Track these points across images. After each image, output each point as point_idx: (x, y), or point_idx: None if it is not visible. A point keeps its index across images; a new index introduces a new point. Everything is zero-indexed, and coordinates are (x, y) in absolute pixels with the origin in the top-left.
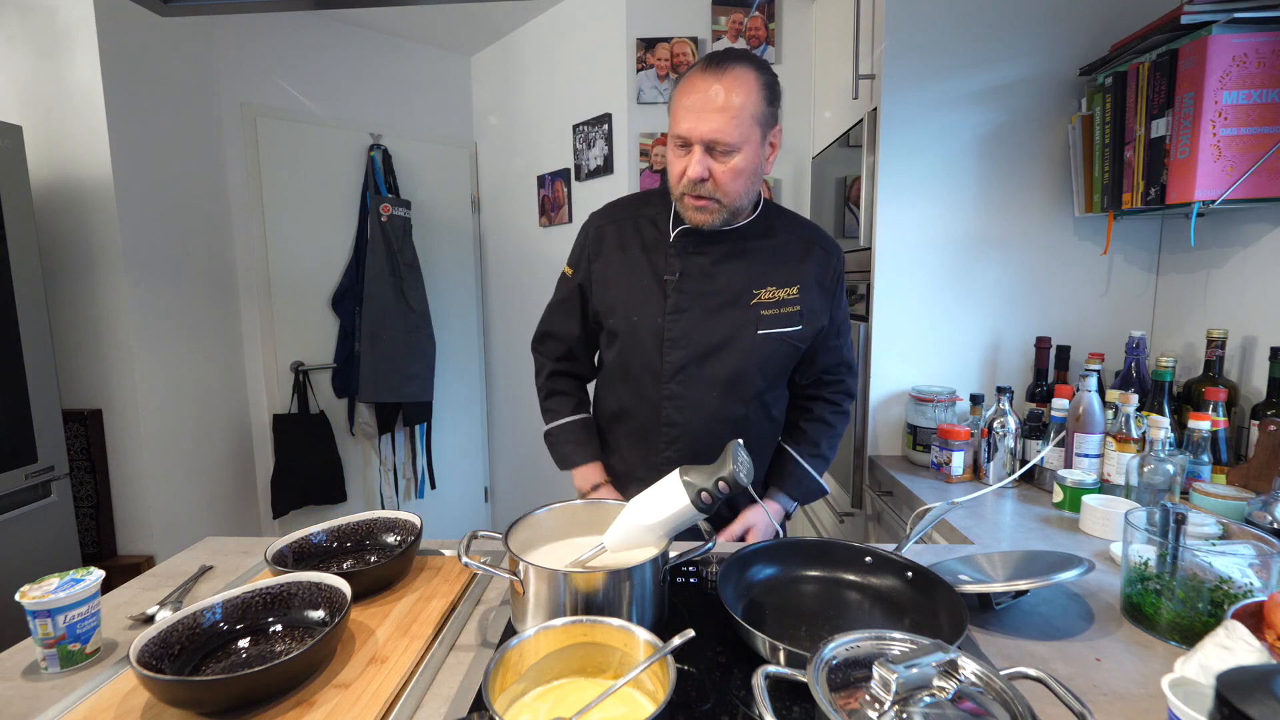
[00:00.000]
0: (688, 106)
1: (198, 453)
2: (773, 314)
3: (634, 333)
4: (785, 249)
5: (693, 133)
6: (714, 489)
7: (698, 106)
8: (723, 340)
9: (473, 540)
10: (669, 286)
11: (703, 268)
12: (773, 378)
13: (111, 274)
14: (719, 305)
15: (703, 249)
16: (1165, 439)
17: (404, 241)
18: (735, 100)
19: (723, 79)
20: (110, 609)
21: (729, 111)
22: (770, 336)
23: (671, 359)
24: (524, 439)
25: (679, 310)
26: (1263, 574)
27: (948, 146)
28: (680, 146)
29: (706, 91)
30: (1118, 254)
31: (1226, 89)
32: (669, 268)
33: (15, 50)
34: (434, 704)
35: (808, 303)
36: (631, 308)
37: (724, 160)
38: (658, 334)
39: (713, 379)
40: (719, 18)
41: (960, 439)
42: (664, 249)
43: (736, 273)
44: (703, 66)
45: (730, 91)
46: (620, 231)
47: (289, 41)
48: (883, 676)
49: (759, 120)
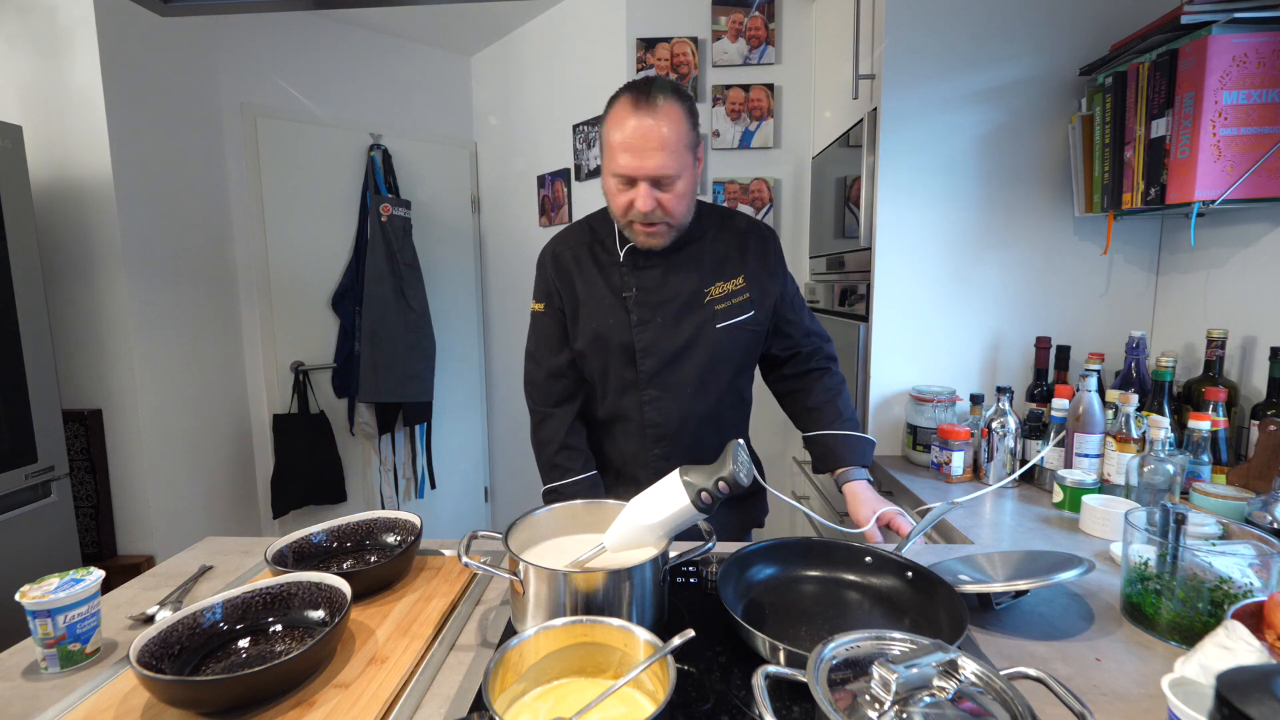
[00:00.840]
0: (627, 146)
1: (198, 453)
2: (726, 306)
3: (607, 350)
4: (723, 245)
5: (638, 171)
6: (714, 489)
7: (637, 146)
8: (688, 341)
9: (473, 540)
10: (629, 302)
11: (655, 279)
12: (739, 365)
13: (111, 274)
14: (678, 310)
15: (651, 263)
16: (1165, 439)
17: (404, 241)
18: (671, 135)
19: (655, 115)
20: (110, 609)
21: (667, 147)
22: (729, 328)
23: (646, 367)
24: (524, 439)
25: (644, 322)
26: (1263, 574)
27: (948, 146)
28: (624, 183)
29: (642, 130)
30: (1118, 254)
31: (1226, 89)
32: (625, 285)
33: (15, 50)
34: (434, 704)
35: (755, 289)
36: (602, 327)
37: (669, 189)
38: (628, 347)
39: (686, 377)
40: (719, 18)
41: (960, 439)
42: (617, 268)
43: (686, 277)
44: (632, 103)
45: (665, 126)
46: (577, 258)
47: (289, 41)
48: (883, 676)
49: (689, 146)
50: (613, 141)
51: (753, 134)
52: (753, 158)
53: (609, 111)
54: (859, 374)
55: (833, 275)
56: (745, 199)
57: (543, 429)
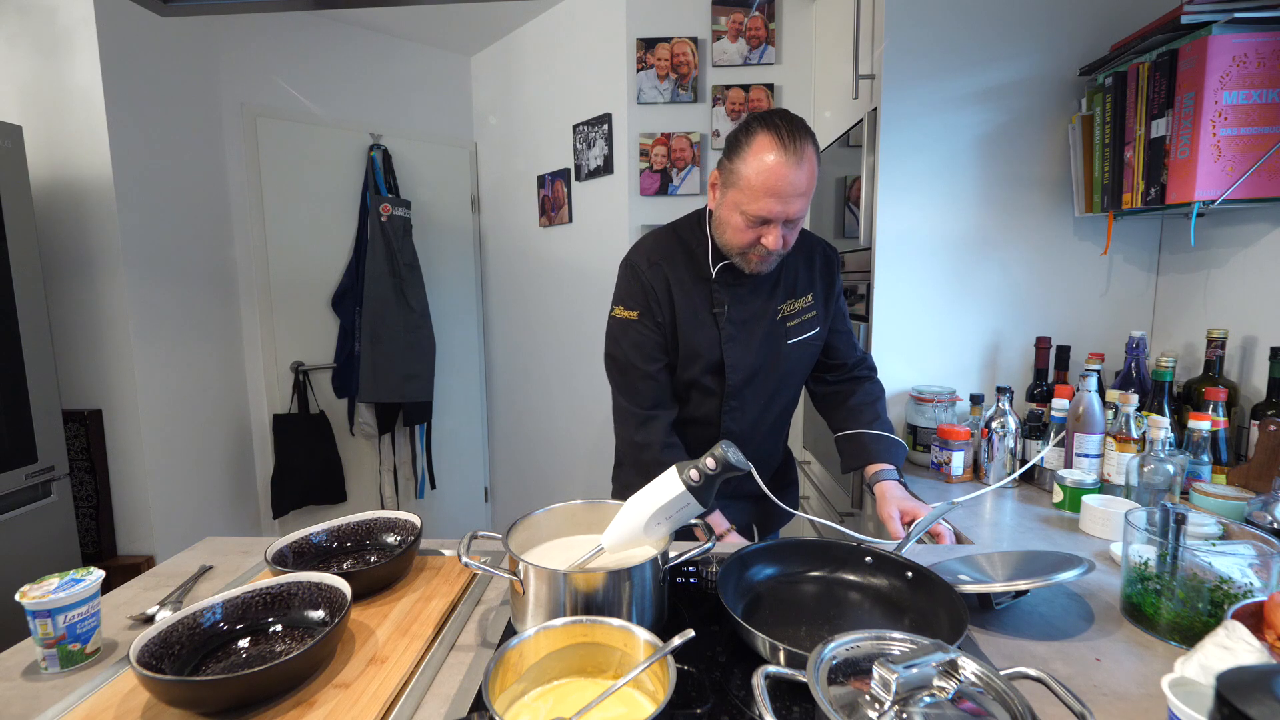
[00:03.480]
0: (771, 191)
1: (198, 453)
2: (796, 324)
3: (697, 362)
4: (794, 264)
5: (781, 216)
6: (702, 466)
7: (784, 193)
8: (768, 358)
9: (473, 540)
10: (720, 318)
11: (743, 297)
12: (803, 376)
13: (111, 274)
14: (760, 328)
15: (740, 280)
16: (1165, 439)
17: (404, 241)
18: (810, 183)
19: (802, 163)
20: (110, 609)
21: (807, 195)
22: (798, 344)
23: (734, 381)
24: (524, 439)
25: (732, 339)
26: (1263, 574)
27: (948, 146)
28: (758, 221)
29: (791, 179)
30: (1118, 254)
31: (1226, 89)
32: (716, 301)
33: (15, 50)
34: (434, 704)
35: (821, 307)
36: (696, 341)
37: (794, 228)
38: (718, 361)
39: (762, 391)
40: (719, 18)
41: (960, 439)
42: (708, 284)
43: (766, 296)
44: (780, 146)
45: (809, 177)
46: (673, 272)
47: (289, 41)
48: (883, 676)
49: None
50: (752, 182)
51: None
52: None
53: (748, 145)
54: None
55: None
56: None
57: (643, 431)
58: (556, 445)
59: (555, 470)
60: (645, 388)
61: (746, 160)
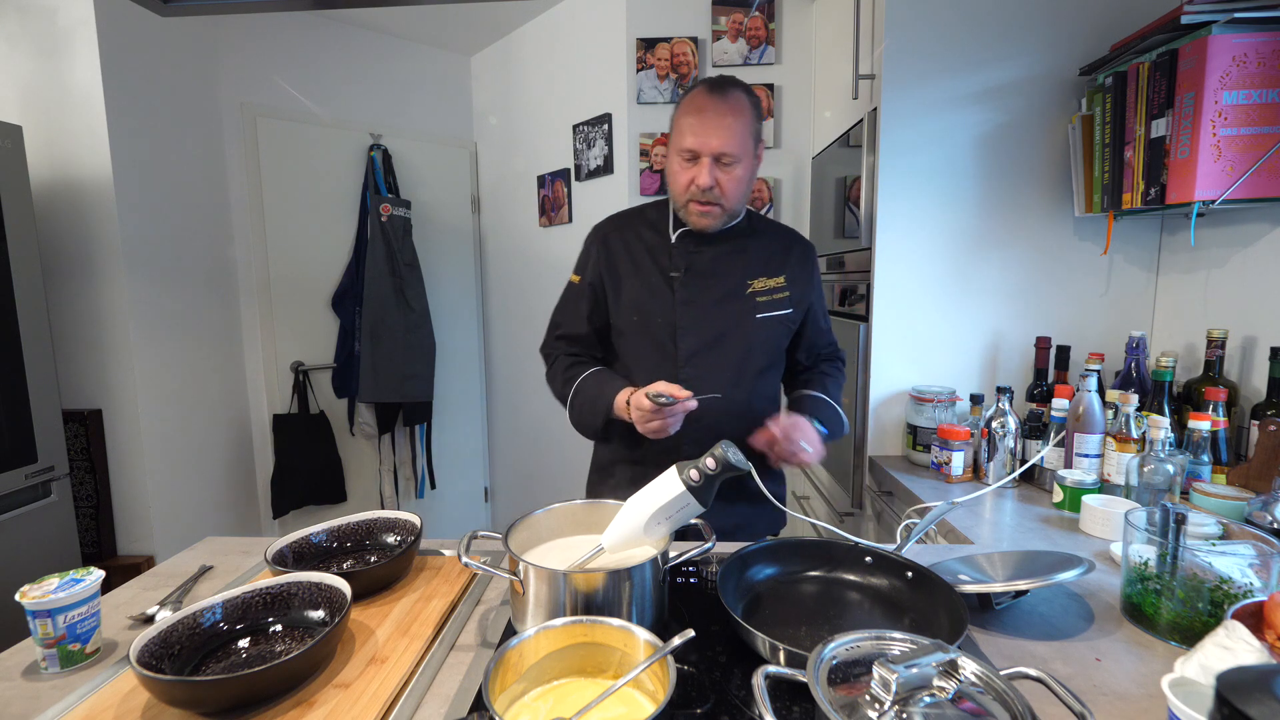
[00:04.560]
0: (695, 123)
1: (198, 453)
2: (767, 300)
3: (648, 326)
4: (769, 245)
5: (704, 146)
6: (702, 466)
7: (707, 124)
8: (728, 326)
9: (473, 540)
10: (676, 282)
11: (703, 264)
12: (772, 356)
13: (111, 274)
14: (722, 296)
15: (701, 248)
16: (1165, 439)
17: (404, 241)
18: (737, 120)
19: (726, 101)
20: (110, 609)
21: (733, 129)
22: (767, 319)
23: (685, 345)
24: (524, 439)
25: (688, 302)
26: (1263, 574)
27: (948, 146)
28: (688, 160)
29: (713, 111)
30: (1118, 254)
31: (1226, 89)
32: (674, 265)
33: (15, 50)
34: (434, 704)
35: (794, 289)
36: (644, 302)
37: (728, 170)
38: (670, 324)
39: (723, 362)
40: (719, 18)
41: (960, 439)
42: (667, 249)
43: (733, 267)
44: (706, 90)
45: (733, 112)
46: (624, 238)
47: (289, 41)
48: (883, 676)
49: (752, 135)
50: (682, 123)
51: None
52: None
53: (682, 100)
54: (859, 374)
55: (833, 275)
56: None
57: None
58: (556, 445)
59: (555, 470)
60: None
61: (680, 109)
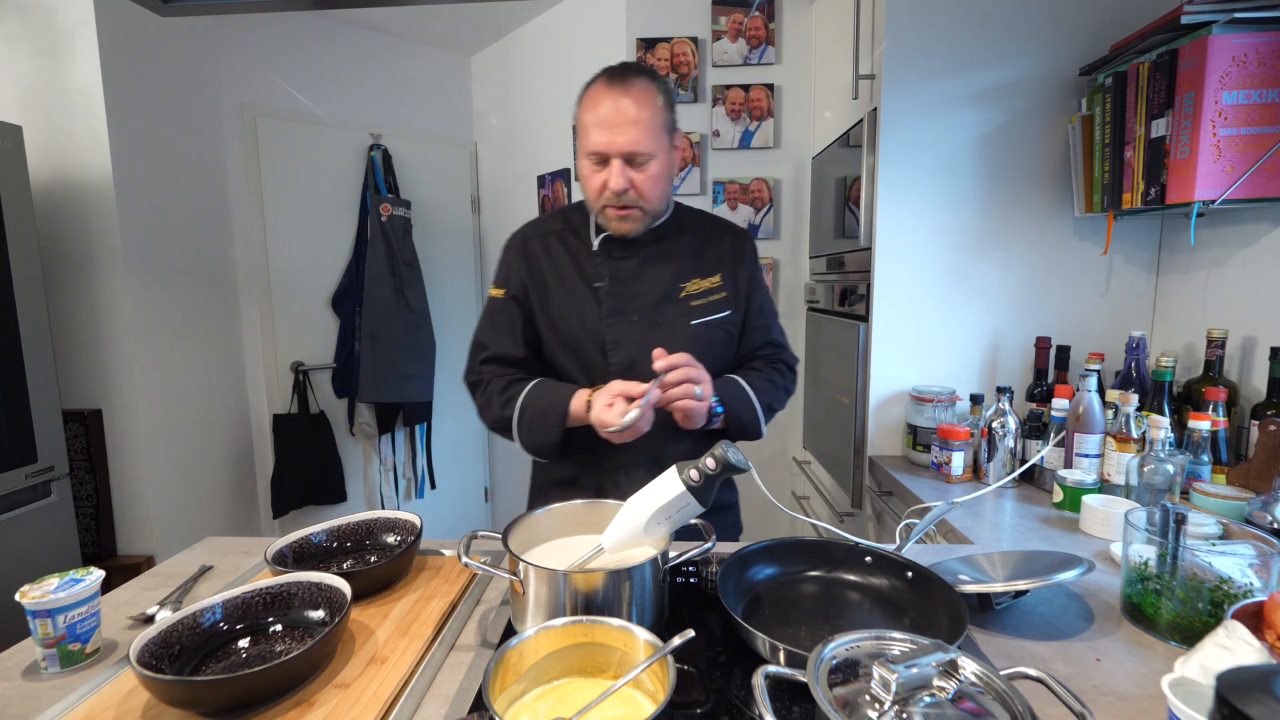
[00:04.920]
0: (599, 123)
1: (198, 453)
2: (702, 303)
3: (576, 342)
4: (701, 242)
5: (610, 147)
6: (702, 466)
7: (610, 122)
8: (662, 336)
9: (473, 540)
10: (601, 293)
11: (630, 271)
12: (713, 363)
13: (111, 274)
14: (652, 304)
15: (627, 253)
16: (1165, 439)
17: (404, 241)
18: (644, 113)
19: (629, 93)
20: (110, 609)
21: (640, 124)
22: (704, 325)
23: (617, 360)
24: None
25: (615, 314)
26: (1263, 574)
27: (948, 146)
28: (597, 162)
29: (616, 107)
30: (1118, 254)
31: (1226, 89)
32: (598, 275)
33: (15, 50)
34: (434, 704)
35: (731, 287)
36: (572, 319)
37: (642, 169)
38: (598, 339)
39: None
40: (719, 18)
41: (960, 439)
42: (589, 257)
43: (662, 271)
44: (605, 82)
45: (638, 104)
46: (545, 246)
47: (289, 41)
48: (883, 676)
49: (665, 127)
50: (586, 121)
51: (753, 134)
52: (753, 158)
53: (583, 95)
54: (859, 374)
55: (833, 275)
56: (745, 199)
57: (483, 389)
58: None
59: None
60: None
61: (581, 106)
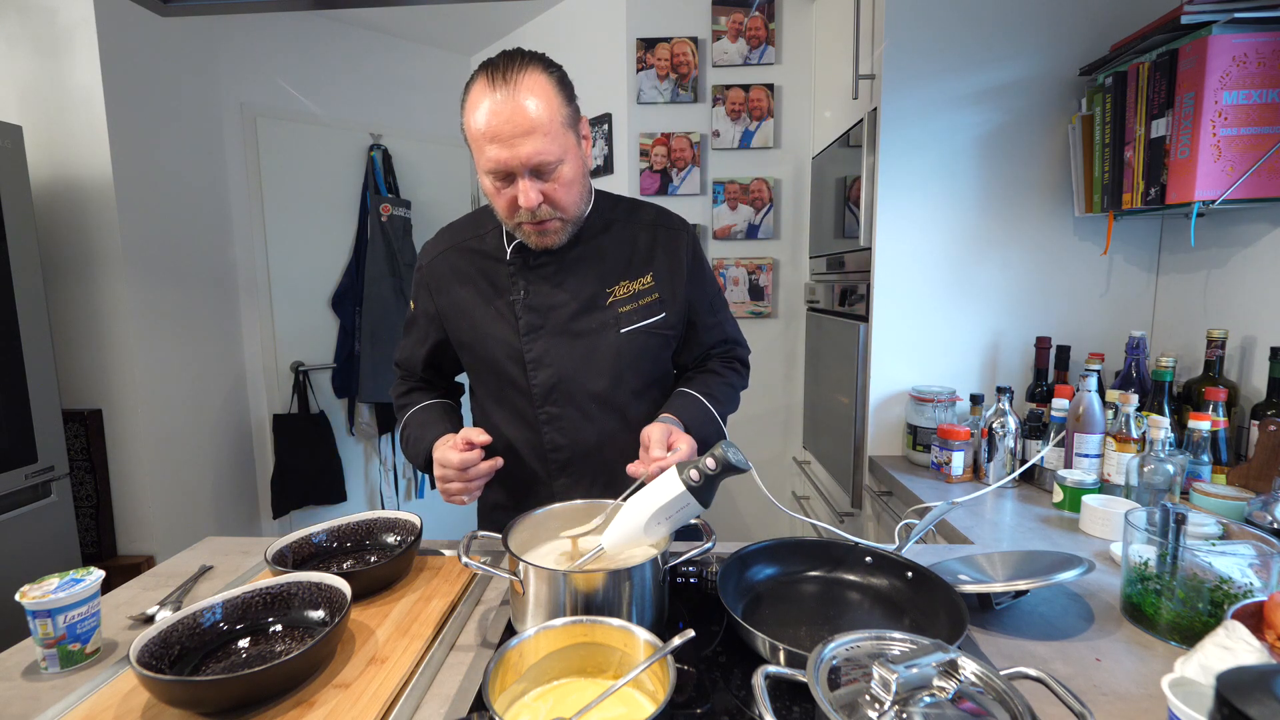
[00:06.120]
0: (492, 135)
1: (198, 453)
2: (631, 309)
3: (495, 361)
4: (628, 239)
5: (512, 162)
6: (702, 466)
7: (504, 134)
8: (587, 350)
9: (473, 540)
10: (516, 306)
11: (547, 279)
12: (649, 374)
13: (111, 274)
14: (574, 315)
15: (542, 261)
16: (1165, 439)
17: (404, 241)
18: (542, 114)
19: (518, 93)
20: (110, 609)
21: (540, 128)
22: (635, 333)
23: (539, 380)
24: None
25: (533, 329)
26: (1263, 574)
27: (948, 146)
28: (500, 179)
29: (507, 114)
30: (1118, 254)
31: (1226, 89)
32: (512, 288)
33: (15, 50)
34: (434, 704)
35: (665, 288)
36: (486, 335)
37: (552, 178)
38: (518, 358)
39: (589, 392)
40: (719, 18)
41: (960, 439)
42: (502, 269)
43: (584, 277)
44: (487, 83)
45: (531, 102)
46: (457, 259)
47: (289, 41)
48: (883, 676)
49: (567, 123)
50: (475, 132)
51: (753, 134)
52: (753, 158)
53: (466, 97)
54: (859, 374)
55: (833, 275)
56: (745, 199)
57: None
58: None
59: None
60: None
61: (467, 114)
